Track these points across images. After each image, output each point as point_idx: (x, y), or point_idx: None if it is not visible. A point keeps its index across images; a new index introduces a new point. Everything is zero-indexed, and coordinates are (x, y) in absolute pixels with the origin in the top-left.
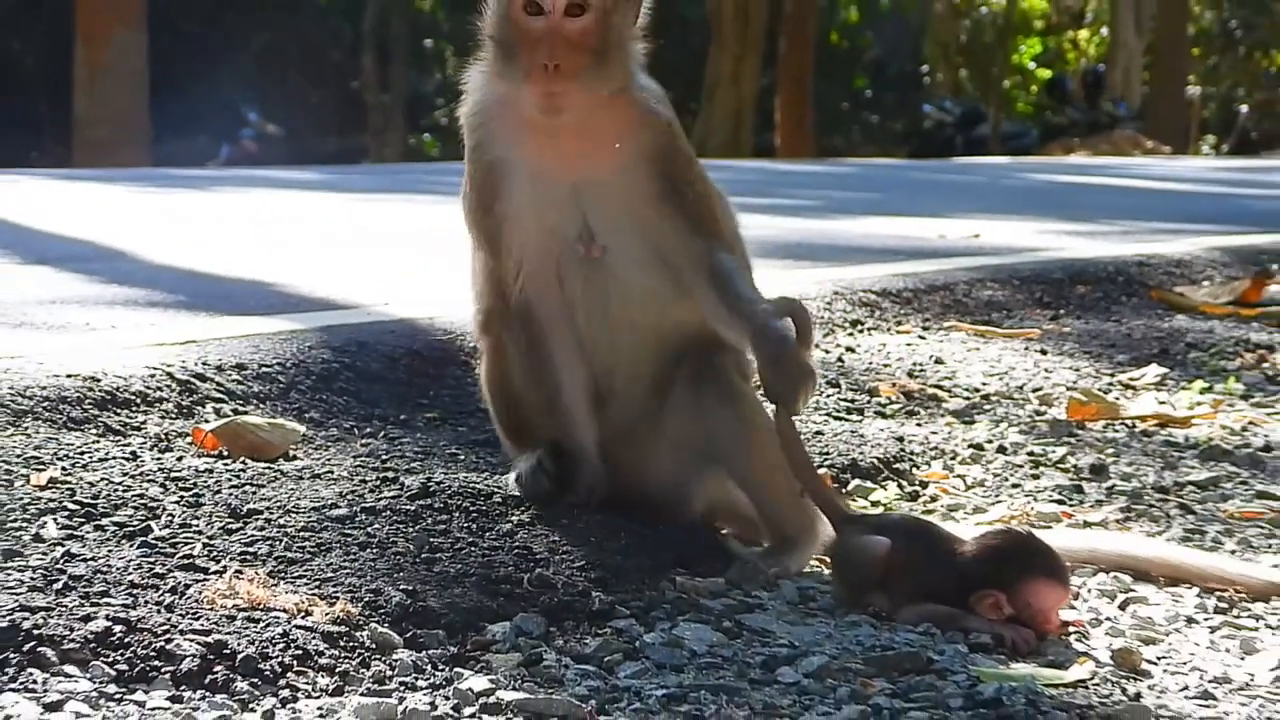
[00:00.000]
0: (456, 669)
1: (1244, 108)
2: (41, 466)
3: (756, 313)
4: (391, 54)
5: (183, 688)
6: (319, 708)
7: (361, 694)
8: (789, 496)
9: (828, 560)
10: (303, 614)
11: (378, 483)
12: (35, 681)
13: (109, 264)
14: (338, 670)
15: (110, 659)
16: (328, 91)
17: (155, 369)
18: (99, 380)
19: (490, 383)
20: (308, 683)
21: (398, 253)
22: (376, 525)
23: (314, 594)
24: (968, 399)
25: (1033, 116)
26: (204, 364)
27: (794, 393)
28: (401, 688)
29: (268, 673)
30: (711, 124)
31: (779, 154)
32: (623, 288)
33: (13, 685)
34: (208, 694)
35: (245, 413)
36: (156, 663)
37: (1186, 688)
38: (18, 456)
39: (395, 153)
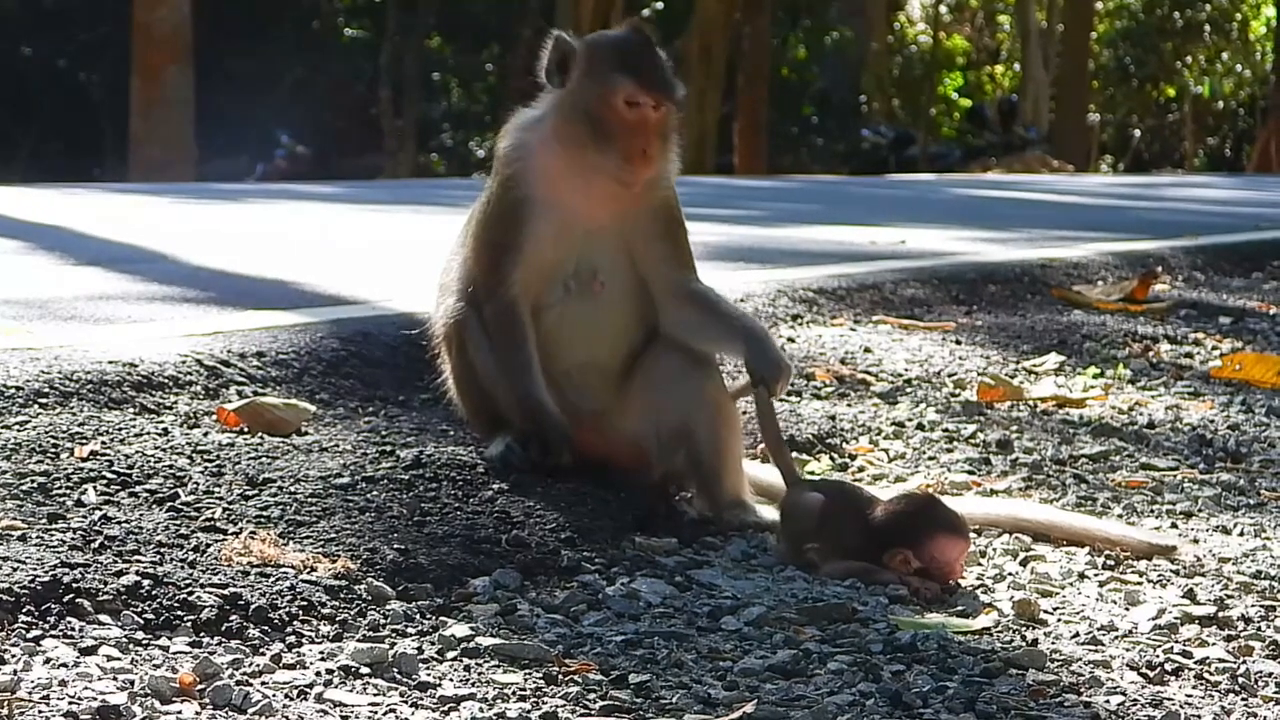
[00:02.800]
0: (442, 618)
1: (1137, 132)
2: (84, 441)
3: (743, 320)
4: (404, 86)
5: (202, 634)
6: (321, 651)
7: (358, 640)
8: (737, 462)
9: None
10: (308, 570)
11: (377, 455)
12: (73, 629)
13: (151, 265)
14: (338, 619)
15: (139, 609)
16: (350, 117)
17: (185, 356)
18: (136, 366)
19: (461, 380)
20: (311, 630)
21: (403, 256)
22: (375, 492)
23: (318, 552)
24: (892, 383)
25: (956, 139)
26: (228, 351)
27: (776, 373)
28: (393, 634)
29: (276, 621)
30: (680, 148)
31: (737, 171)
32: (610, 310)
33: (54, 632)
34: (224, 640)
35: (264, 394)
36: (179, 612)
37: (1077, 634)
38: (63, 432)
39: (407, 170)
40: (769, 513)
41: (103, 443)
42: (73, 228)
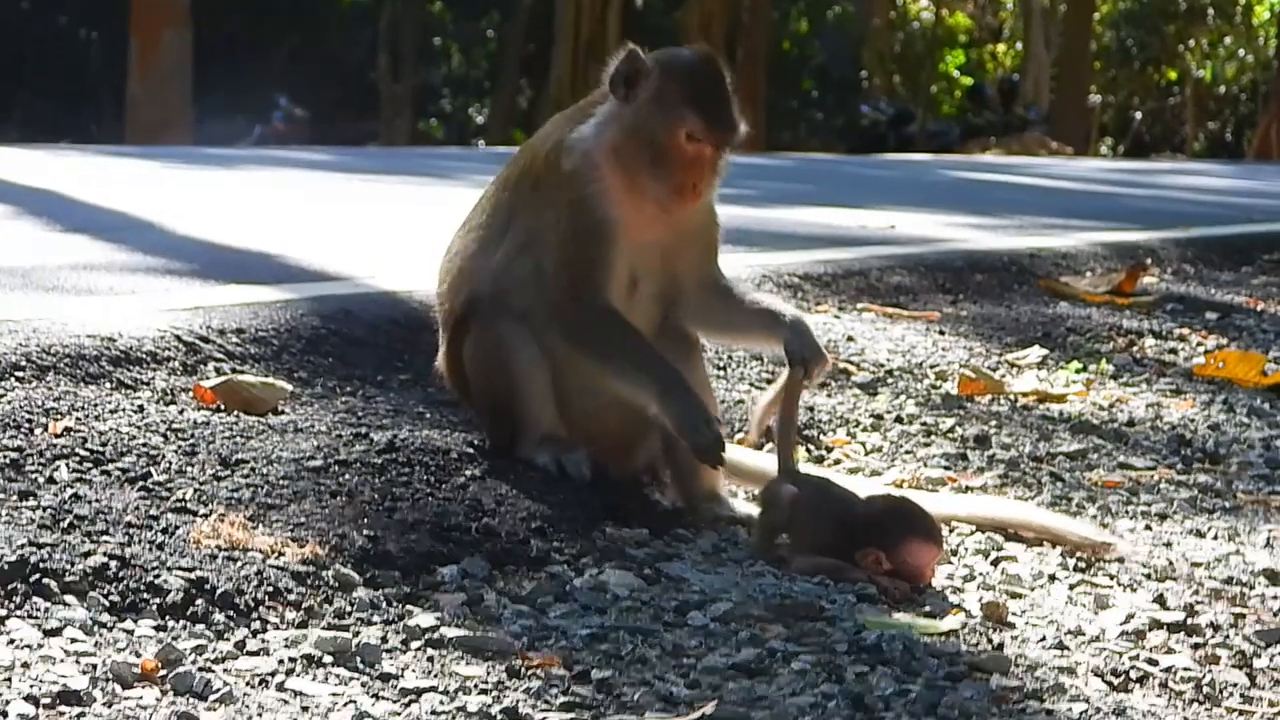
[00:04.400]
0: (408, 606)
1: (1138, 115)
2: (59, 416)
3: (783, 307)
4: (403, 51)
5: (167, 618)
6: (285, 638)
7: (323, 628)
8: None
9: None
10: (276, 554)
11: (351, 438)
12: (38, 609)
13: (138, 234)
14: (304, 605)
15: (105, 591)
16: (348, 82)
17: (164, 331)
18: (114, 340)
19: (486, 379)
20: (277, 616)
21: (391, 228)
22: (346, 476)
23: (288, 537)
24: (873, 373)
25: (955, 117)
26: (207, 327)
27: (816, 359)
28: (359, 622)
29: (242, 606)
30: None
31: None
32: (641, 313)
33: (19, 612)
34: (189, 624)
35: (242, 372)
36: (146, 595)
37: (1044, 639)
38: (38, 407)
39: (404, 136)
40: (743, 506)
41: (78, 419)
42: (62, 192)
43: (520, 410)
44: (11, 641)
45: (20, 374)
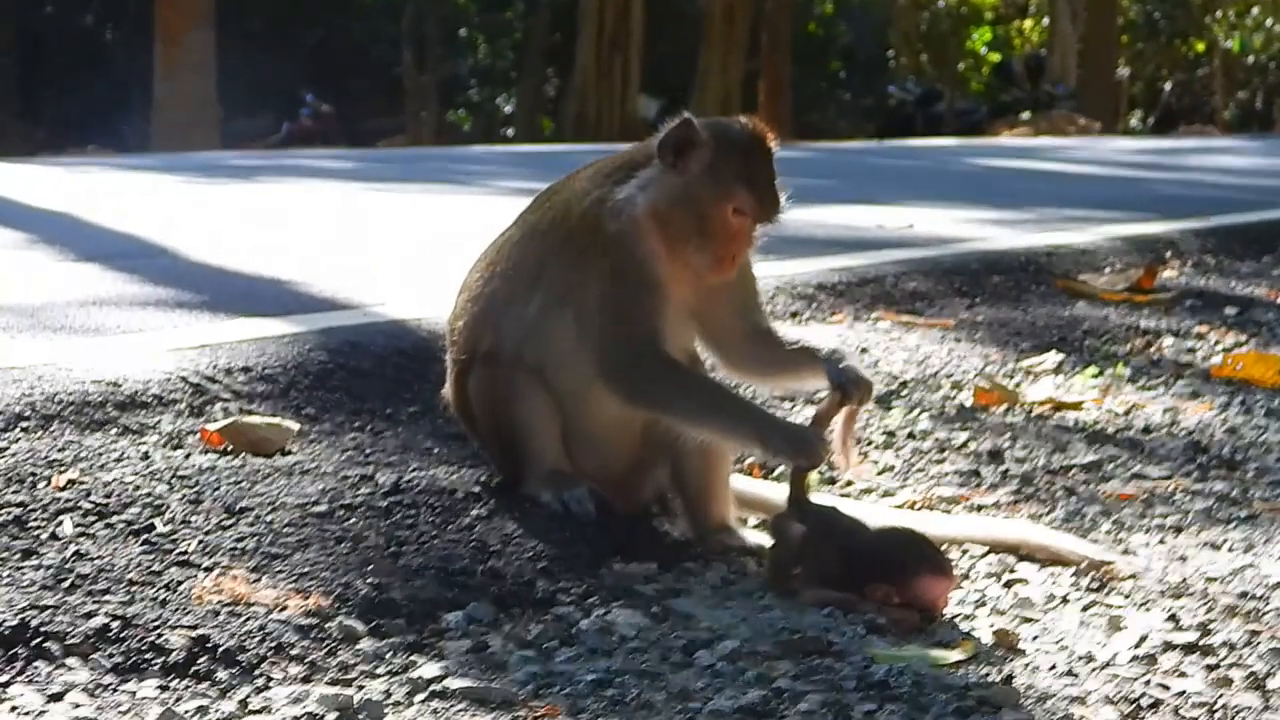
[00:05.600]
0: (413, 656)
1: (1167, 86)
2: (63, 468)
3: (819, 350)
4: (428, 43)
5: (171, 677)
6: (288, 694)
7: (326, 683)
8: (724, 485)
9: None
10: (279, 608)
11: (357, 480)
12: (40, 674)
13: (150, 261)
14: (308, 659)
15: (108, 652)
16: (373, 76)
17: (170, 373)
18: (119, 385)
19: (511, 412)
20: (281, 671)
21: (405, 244)
22: (352, 520)
23: (291, 589)
24: (888, 385)
25: (983, 95)
26: (214, 367)
27: (860, 382)
28: (363, 675)
29: (245, 663)
30: (704, 107)
31: None
32: None
33: (21, 678)
34: (192, 683)
35: (250, 411)
36: (148, 655)
37: (1055, 666)
38: (43, 459)
39: (431, 129)
40: (753, 536)
41: (82, 469)
42: (77, 215)
43: (525, 448)
44: (15, 709)
45: (26, 424)
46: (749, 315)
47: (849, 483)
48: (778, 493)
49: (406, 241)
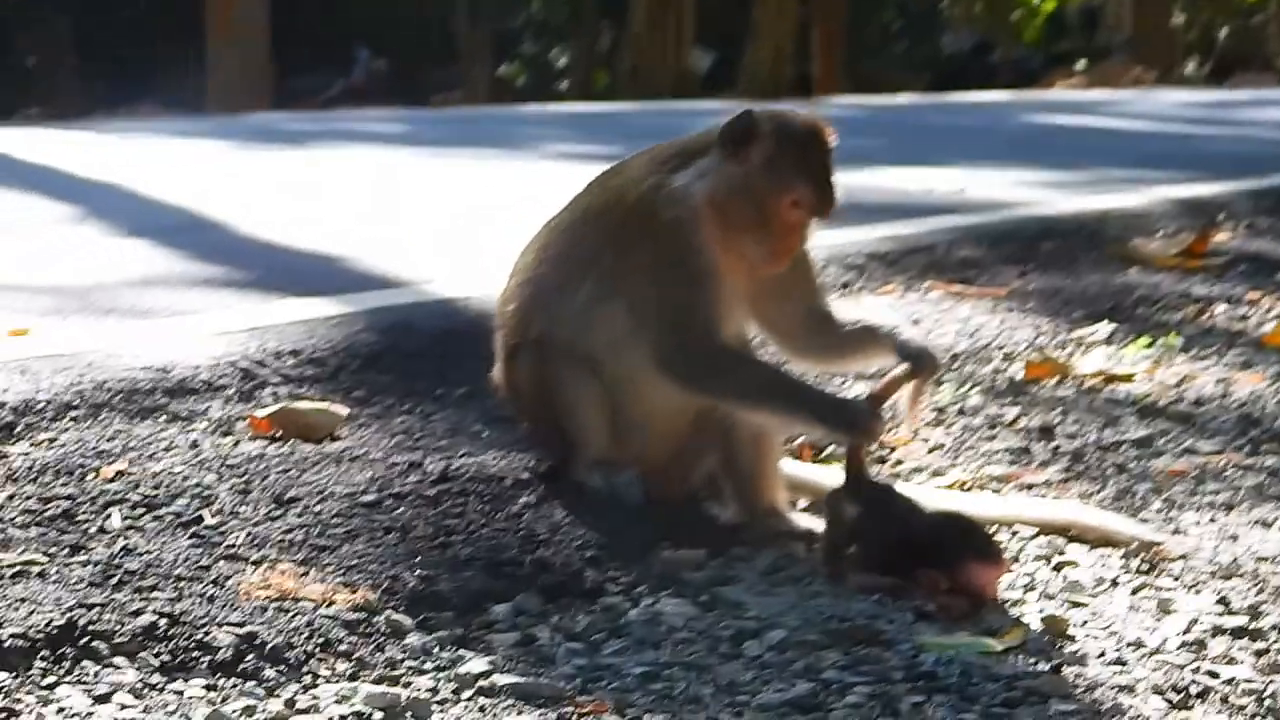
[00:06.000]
0: (460, 651)
1: (1222, 33)
2: (112, 459)
3: (879, 322)
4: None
5: (218, 676)
6: (336, 693)
7: (373, 680)
8: (775, 469)
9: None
10: (327, 603)
11: (405, 467)
12: (88, 675)
13: (200, 236)
14: (355, 656)
15: (155, 650)
16: (427, 31)
17: (219, 359)
18: (169, 371)
19: (560, 397)
20: (328, 669)
21: (455, 215)
22: (400, 510)
23: (339, 582)
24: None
25: (1037, 45)
26: (263, 350)
27: (927, 356)
28: (410, 671)
29: (292, 660)
30: (758, 58)
31: (816, 87)
32: None
33: (68, 678)
34: (239, 682)
35: (299, 395)
36: (196, 654)
37: (1104, 653)
38: (91, 450)
39: (485, 84)
40: (802, 520)
41: (130, 460)
42: (128, 187)
43: (573, 434)
44: (61, 710)
45: (75, 413)
46: (808, 300)
47: (899, 462)
48: (827, 476)
49: (447, 214)
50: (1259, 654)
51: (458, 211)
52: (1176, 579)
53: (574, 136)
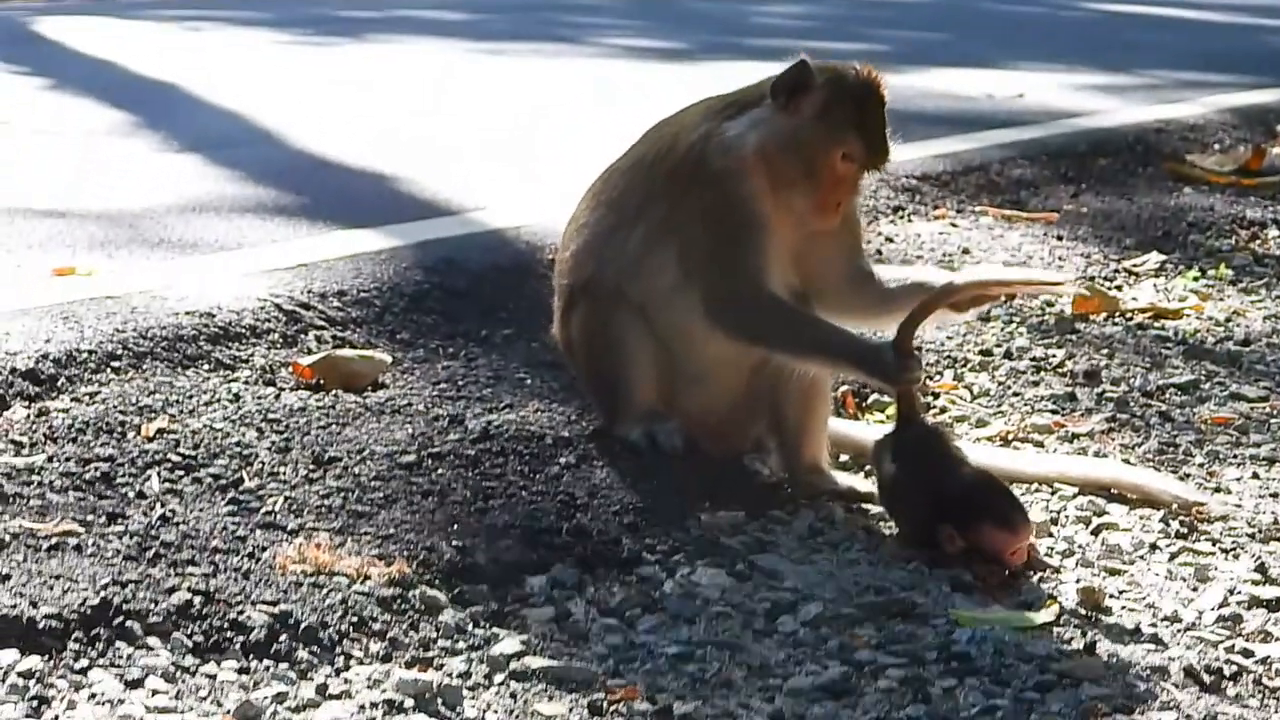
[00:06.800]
0: (494, 629)
1: None
2: (153, 415)
3: (929, 277)
4: None
5: (251, 657)
6: (368, 676)
7: (406, 663)
8: (821, 426)
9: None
10: (362, 578)
11: (446, 424)
12: (121, 657)
13: (250, 150)
14: (388, 635)
15: (189, 630)
16: None
17: (264, 301)
18: (214, 316)
19: (609, 347)
20: (361, 649)
21: (513, 117)
22: (440, 471)
23: (374, 555)
24: None
25: None
26: (309, 292)
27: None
28: (443, 653)
29: (326, 641)
30: None
31: None
32: None
33: (101, 661)
34: (272, 664)
35: (343, 338)
36: (229, 634)
37: (1139, 629)
38: (133, 405)
39: None
40: (844, 479)
41: (171, 416)
42: (182, 88)
43: (619, 384)
44: (93, 696)
45: (116, 364)
46: (852, 259)
47: (944, 410)
48: (873, 434)
49: (505, 118)
50: None
51: (515, 113)
52: (1215, 543)
53: (638, 29)
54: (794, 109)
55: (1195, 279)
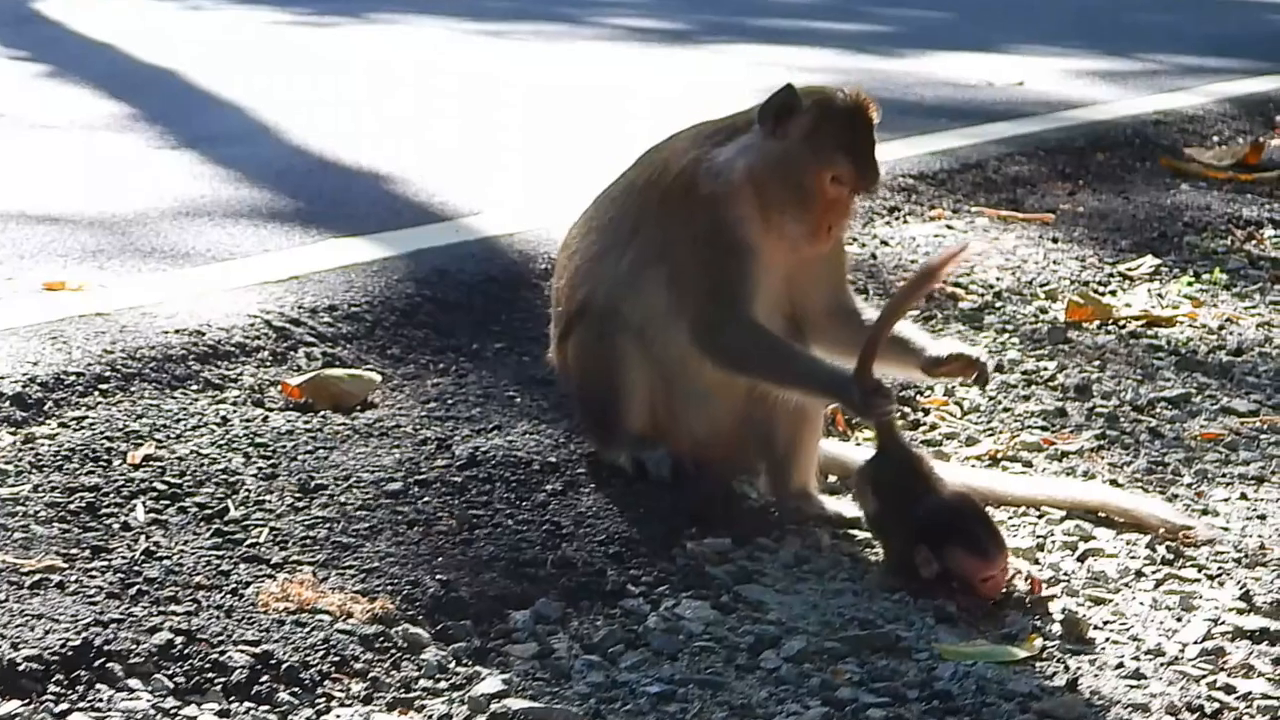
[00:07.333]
0: (476, 667)
1: None
2: (140, 441)
3: (916, 339)
4: None
5: (231, 699)
6: (349, 717)
7: (387, 704)
8: (811, 452)
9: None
10: (344, 616)
11: (434, 448)
12: (101, 700)
13: (249, 148)
14: (370, 675)
15: (170, 671)
16: None
17: (255, 317)
18: (203, 334)
19: (602, 372)
20: (342, 690)
21: (511, 123)
22: (426, 499)
23: (358, 591)
24: (981, 296)
25: None
26: (300, 308)
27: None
28: (425, 693)
29: (307, 681)
30: None
31: None
32: None
33: (81, 704)
34: (253, 706)
35: (334, 354)
36: (210, 674)
37: (1122, 663)
38: (119, 430)
39: None
40: (831, 504)
41: (158, 441)
42: (182, 75)
43: (612, 411)
44: None
45: (104, 386)
46: (836, 293)
47: (933, 426)
48: (861, 455)
49: (500, 113)
50: (1276, 661)
51: (515, 103)
52: (1201, 570)
53: (640, 8)
54: (782, 133)
55: (1189, 284)
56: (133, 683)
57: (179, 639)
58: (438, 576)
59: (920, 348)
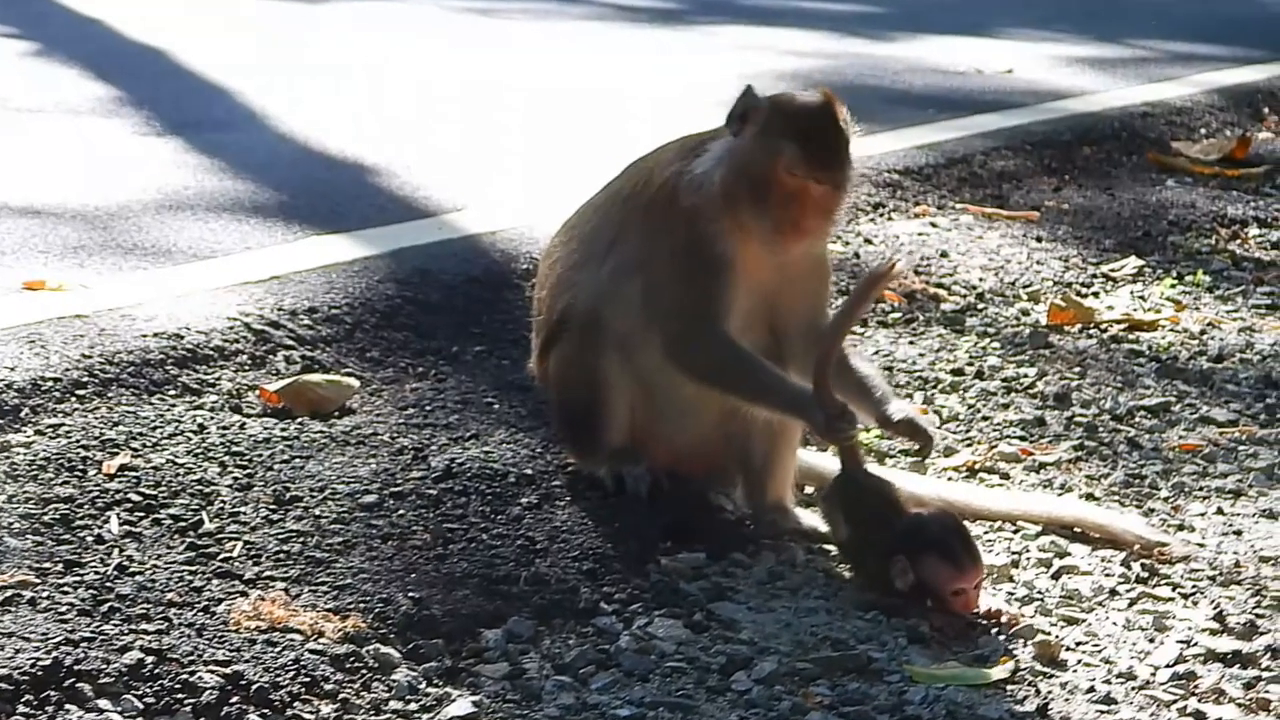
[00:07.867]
0: (447, 687)
1: None
2: (115, 450)
3: (879, 387)
4: None
5: None
6: None
7: None
8: (787, 466)
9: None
10: (316, 635)
11: (410, 459)
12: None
13: (237, 136)
14: (340, 696)
15: (140, 692)
16: None
17: (234, 320)
18: (182, 338)
19: (583, 383)
20: (312, 711)
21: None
22: (401, 512)
23: (330, 609)
24: (964, 297)
25: None
26: (279, 310)
27: (919, 429)
28: (394, 715)
29: (277, 703)
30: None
31: None
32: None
33: None
34: None
35: (313, 357)
36: (180, 695)
37: (1093, 687)
38: (95, 439)
39: None
40: (806, 518)
41: (134, 450)
42: (170, 56)
43: (592, 423)
44: None
45: (82, 393)
46: (815, 316)
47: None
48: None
49: (485, 100)
50: (1248, 685)
51: (499, 89)
52: (1175, 588)
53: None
54: (741, 134)
55: (1172, 286)
56: (102, 703)
57: (149, 658)
58: (410, 594)
59: (878, 401)
